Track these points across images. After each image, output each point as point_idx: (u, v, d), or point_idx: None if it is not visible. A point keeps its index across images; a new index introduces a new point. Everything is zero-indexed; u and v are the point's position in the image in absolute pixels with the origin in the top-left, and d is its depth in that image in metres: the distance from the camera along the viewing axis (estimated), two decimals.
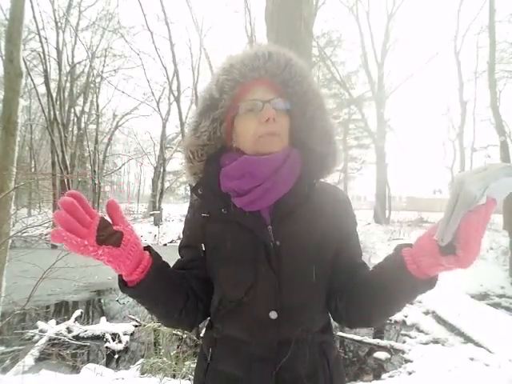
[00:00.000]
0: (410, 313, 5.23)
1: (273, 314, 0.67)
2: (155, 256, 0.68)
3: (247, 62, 0.72)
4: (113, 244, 0.58)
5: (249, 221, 0.71)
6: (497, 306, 5.61)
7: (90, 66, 17.97)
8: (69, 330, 4.28)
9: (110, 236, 0.59)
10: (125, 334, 4.28)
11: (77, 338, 4.17)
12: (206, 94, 0.76)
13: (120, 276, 0.65)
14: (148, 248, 0.69)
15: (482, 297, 6.18)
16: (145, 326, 4.12)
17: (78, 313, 5.02)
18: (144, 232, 14.35)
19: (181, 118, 15.57)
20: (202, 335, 0.81)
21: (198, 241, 0.76)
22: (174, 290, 0.71)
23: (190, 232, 0.80)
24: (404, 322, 4.97)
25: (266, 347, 0.68)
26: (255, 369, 0.68)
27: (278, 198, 0.70)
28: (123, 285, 0.65)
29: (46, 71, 15.35)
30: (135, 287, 0.64)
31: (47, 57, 15.51)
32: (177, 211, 21.67)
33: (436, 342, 4.25)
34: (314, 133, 0.76)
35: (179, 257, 0.83)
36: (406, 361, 3.74)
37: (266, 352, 0.68)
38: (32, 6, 13.29)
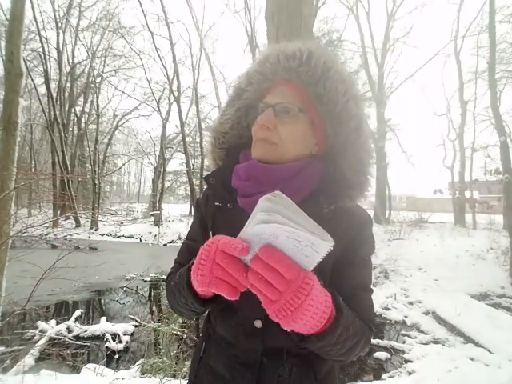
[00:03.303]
0: (409, 313, 5.23)
1: (258, 323, 0.65)
2: None
3: (282, 59, 0.67)
4: None
5: None
6: (497, 306, 5.60)
7: (91, 66, 18.00)
8: (69, 330, 4.27)
9: None
10: (125, 334, 4.28)
11: (77, 338, 4.16)
12: (236, 81, 0.74)
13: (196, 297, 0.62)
14: None
15: (482, 297, 6.17)
16: (145, 325, 4.13)
17: (78, 313, 5.01)
18: (144, 232, 14.38)
19: (181, 118, 15.58)
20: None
21: (208, 227, 0.75)
22: None
23: (201, 215, 0.78)
24: (404, 322, 4.96)
25: (250, 354, 0.67)
26: (239, 373, 0.67)
27: None
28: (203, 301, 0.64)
29: (46, 71, 15.38)
30: (212, 299, 0.64)
31: (47, 57, 15.55)
32: (177, 211, 21.70)
33: (436, 342, 4.25)
34: (346, 158, 0.70)
35: (187, 240, 0.82)
36: (406, 361, 3.73)
37: (249, 358, 0.67)
38: (32, 6, 13.36)
